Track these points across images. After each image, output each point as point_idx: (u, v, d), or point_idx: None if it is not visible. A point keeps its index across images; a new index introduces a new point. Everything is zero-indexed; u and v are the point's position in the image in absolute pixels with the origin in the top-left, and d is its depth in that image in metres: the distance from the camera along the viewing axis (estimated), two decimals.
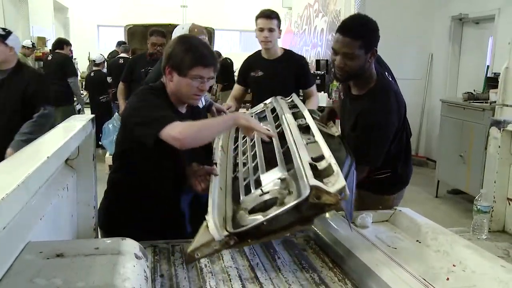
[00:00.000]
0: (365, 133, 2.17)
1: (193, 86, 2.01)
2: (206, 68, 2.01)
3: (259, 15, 3.48)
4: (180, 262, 1.66)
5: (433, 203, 5.74)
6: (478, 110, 5.23)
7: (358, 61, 2.10)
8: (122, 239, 1.11)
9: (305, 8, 11.49)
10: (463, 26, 7.02)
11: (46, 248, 1.00)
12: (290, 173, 1.64)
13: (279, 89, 3.21)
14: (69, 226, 1.46)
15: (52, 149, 1.08)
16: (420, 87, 7.64)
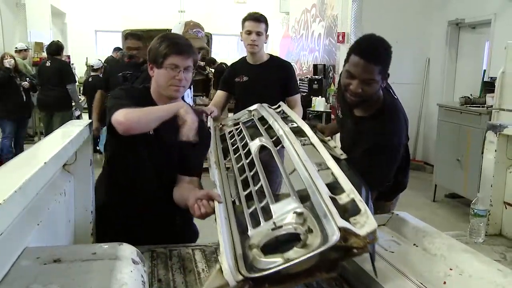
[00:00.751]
0: (376, 156, 2.10)
1: (169, 76, 1.97)
2: (180, 56, 1.96)
3: (247, 17, 3.36)
4: (177, 267, 1.65)
5: (431, 207, 5.74)
6: (475, 115, 5.23)
7: (375, 86, 2.03)
8: (120, 244, 1.11)
9: (303, 13, 11.54)
10: (460, 31, 7.05)
11: (43, 253, 1.00)
12: (306, 205, 1.50)
13: (264, 95, 3.13)
14: (66, 231, 1.45)
15: (50, 154, 1.07)
16: (418, 92, 7.66)
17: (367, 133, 2.13)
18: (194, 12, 14.13)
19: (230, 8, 15.03)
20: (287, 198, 1.60)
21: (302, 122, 2.24)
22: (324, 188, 1.50)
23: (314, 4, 10.63)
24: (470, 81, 6.68)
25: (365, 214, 1.36)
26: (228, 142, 2.39)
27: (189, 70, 2.01)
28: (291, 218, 1.46)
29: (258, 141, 2.16)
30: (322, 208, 1.38)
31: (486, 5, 6.21)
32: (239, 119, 2.72)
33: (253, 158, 2.02)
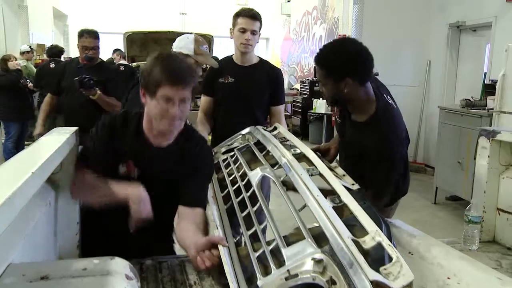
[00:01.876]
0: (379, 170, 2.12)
1: (161, 109, 1.69)
2: (174, 87, 1.67)
3: (242, 13, 3.01)
4: (168, 279, 1.58)
5: (431, 210, 5.70)
6: (475, 117, 5.20)
7: (329, 88, 2.10)
8: (111, 259, 1.04)
9: (304, 15, 11.52)
10: (461, 33, 7.01)
11: (29, 270, 0.94)
12: (325, 251, 1.31)
13: (250, 100, 3.07)
14: (51, 244, 1.37)
15: (37, 164, 1.01)
16: (418, 94, 7.64)
17: (366, 140, 2.11)
18: (196, 15, 14.14)
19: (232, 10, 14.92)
20: (300, 240, 1.40)
21: (306, 148, 2.04)
22: (344, 229, 1.34)
23: (315, 7, 10.61)
24: (471, 83, 6.64)
25: (398, 263, 1.19)
26: (224, 172, 2.17)
27: (186, 102, 1.74)
28: (308, 265, 1.29)
29: (259, 171, 1.94)
30: (345, 254, 1.22)
31: (487, 8, 6.17)
32: (233, 145, 2.50)
33: (254, 191, 1.82)
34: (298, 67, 12.11)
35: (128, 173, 1.81)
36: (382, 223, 1.55)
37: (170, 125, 1.74)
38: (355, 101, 2.13)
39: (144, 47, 9.19)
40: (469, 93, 6.18)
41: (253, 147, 2.27)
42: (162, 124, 1.74)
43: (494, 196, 2.17)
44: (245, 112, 3.05)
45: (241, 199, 1.83)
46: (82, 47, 4.05)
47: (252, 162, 2.11)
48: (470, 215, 2.02)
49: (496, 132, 2.13)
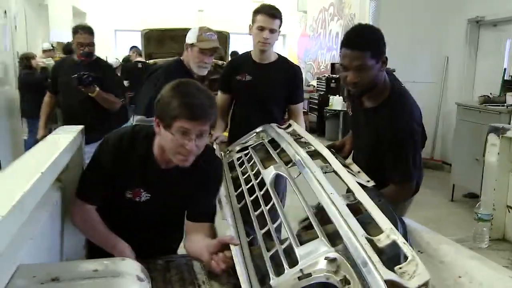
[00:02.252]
0: (394, 148, 2.08)
1: (177, 143, 1.60)
2: (192, 121, 1.57)
3: (260, 10, 2.92)
4: (176, 279, 1.57)
5: (448, 207, 5.65)
6: (494, 114, 5.13)
7: (371, 72, 2.00)
8: (122, 259, 1.04)
9: (320, 11, 11.45)
10: (480, 29, 6.90)
11: (40, 271, 0.93)
12: (339, 250, 1.28)
13: (268, 98, 3.04)
14: (58, 244, 1.37)
15: (45, 164, 1.00)
16: (436, 90, 7.56)
17: (381, 125, 2.10)
18: (213, 11, 14.15)
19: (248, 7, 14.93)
20: (314, 239, 1.38)
21: (320, 145, 2.04)
22: (358, 227, 1.32)
23: (332, 3, 10.54)
24: (490, 79, 6.52)
25: (413, 262, 1.16)
26: (238, 171, 2.17)
27: (203, 135, 1.65)
28: (321, 264, 1.26)
29: (273, 169, 1.92)
30: (359, 253, 1.19)
31: (508, 2, 6.04)
32: (247, 143, 2.48)
33: (268, 189, 1.80)
34: (314, 63, 12.05)
35: (134, 198, 1.77)
36: (397, 221, 1.52)
37: (184, 160, 1.66)
38: (378, 84, 2.09)
39: (161, 44, 9.24)
40: (488, 90, 6.08)
41: (267, 145, 2.25)
42: (176, 158, 1.66)
43: (504, 193, 2.14)
44: (261, 110, 3.00)
45: (255, 198, 1.81)
46: (77, 44, 3.95)
47: (266, 160, 2.09)
48: (480, 212, 1.99)
49: (506, 129, 2.10)
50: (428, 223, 4.49)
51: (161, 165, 1.77)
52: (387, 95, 2.12)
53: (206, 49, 2.80)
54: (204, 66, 2.86)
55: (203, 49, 2.79)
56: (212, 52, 2.85)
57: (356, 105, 2.27)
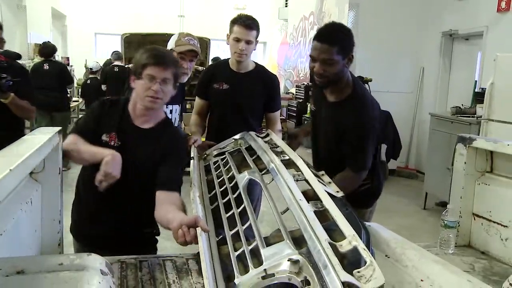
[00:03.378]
0: (356, 140, 2.24)
1: (145, 86, 1.97)
2: (157, 67, 1.96)
3: (237, 21, 2.92)
4: (147, 278, 1.60)
5: (421, 215, 5.75)
6: (465, 124, 5.28)
7: (336, 66, 2.16)
8: (88, 255, 1.05)
9: (301, 20, 11.55)
10: (454, 42, 7.08)
11: (6, 264, 0.96)
12: (302, 252, 1.33)
13: (245, 107, 3.03)
14: (32, 241, 1.39)
15: (16, 161, 1.04)
16: (412, 100, 7.70)
17: (342, 119, 2.25)
18: (194, 17, 14.18)
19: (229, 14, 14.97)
20: (279, 241, 1.43)
21: (295, 155, 2.12)
22: (322, 232, 1.37)
23: (312, 12, 10.65)
24: (463, 91, 6.70)
25: (370, 267, 1.21)
26: (213, 174, 2.23)
27: (167, 82, 2.00)
28: (285, 265, 1.31)
29: (246, 174, 2.00)
30: (321, 256, 1.24)
31: (479, 17, 6.24)
32: (224, 149, 2.58)
33: (240, 193, 1.87)
34: (294, 71, 12.15)
35: (109, 142, 2.04)
36: (362, 229, 1.57)
37: (152, 101, 1.99)
38: (342, 79, 2.25)
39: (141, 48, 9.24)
40: (460, 101, 6.25)
41: (244, 151, 2.31)
42: (145, 101, 2.00)
43: (470, 201, 2.22)
44: (238, 119, 3.02)
45: (227, 200, 1.87)
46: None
47: (241, 166, 2.15)
48: (446, 219, 2.06)
49: (472, 139, 2.18)
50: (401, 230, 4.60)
51: (134, 121, 2.09)
52: (350, 92, 2.28)
53: (183, 53, 2.76)
54: (184, 71, 2.80)
55: (180, 53, 2.75)
56: (191, 57, 2.80)
57: (319, 99, 2.42)
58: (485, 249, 2.11)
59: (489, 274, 1.85)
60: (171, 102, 2.86)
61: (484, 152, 2.20)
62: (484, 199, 2.16)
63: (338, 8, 8.12)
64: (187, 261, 1.73)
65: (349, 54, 2.19)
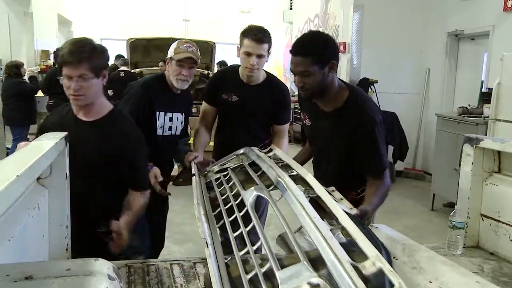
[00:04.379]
0: (368, 146, 2.17)
1: (65, 85, 1.95)
2: (70, 66, 1.91)
3: (247, 34, 2.75)
4: (155, 282, 1.61)
5: (428, 216, 5.72)
6: (472, 125, 5.25)
7: (314, 77, 2.10)
8: (95, 260, 1.05)
9: (306, 22, 11.55)
10: (459, 42, 7.05)
11: (14, 270, 0.96)
12: (322, 275, 1.24)
13: (253, 119, 2.95)
14: (40, 247, 1.39)
15: (22, 167, 1.04)
16: (418, 101, 7.67)
17: (348, 123, 2.18)
18: (198, 21, 14.23)
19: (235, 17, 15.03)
20: (295, 263, 1.31)
21: (303, 170, 1.98)
22: (342, 253, 1.27)
23: (317, 14, 10.65)
24: (470, 91, 6.67)
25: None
26: (217, 191, 2.10)
27: (83, 77, 1.94)
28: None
29: (254, 190, 1.86)
30: (344, 280, 1.16)
31: (484, 17, 6.21)
32: (226, 165, 2.46)
33: (248, 210, 1.74)
34: None
35: None
36: (381, 247, 1.52)
37: (74, 99, 1.99)
38: (331, 88, 2.18)
39: (147, 53, 9.26)
40: (467, 101, 6.22)
41: (247, 167, 2.21)
42: (71, 100, 2.02)
43: (478, 202, 2.20)
44: (246, 130, 2.95)
45: (234, 219, 1.75)
46: None
47: (246, 183, 2.04)
48: (454, 220, 2.05)
49: (479, 140, 2.16)
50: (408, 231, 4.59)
51: (78, 116, 2.11)
52: (348, 96, 2.21)
53: (182, 61, 2.73)
54: (183, 79, 2.79)
55: (179, 60, 2.73)
56: (190, 64, 2.76)
57: (313, 111, 2.35)
58: (494, 250, 2.10)
59: (498, 275, 1.84)
60: (171, 109, 2.86)
61: (492, 152, 2.19)
62: (492, 199, 2.14)
63: (342, 10, 8.10)
64: (194, 265, 1.74)
65: (329, 62, 2.11)
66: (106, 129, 2.07)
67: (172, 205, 3.24)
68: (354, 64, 7.55)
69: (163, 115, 2.84)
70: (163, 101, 2.84)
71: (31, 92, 6.95)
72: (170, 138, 2.90)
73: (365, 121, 2.16)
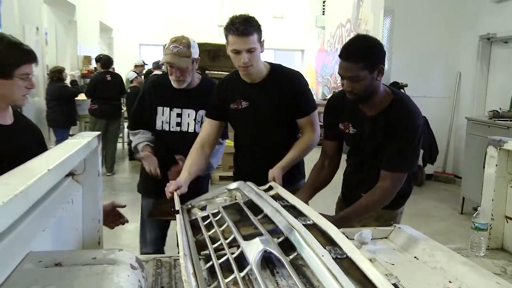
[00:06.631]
0: (404, 142, 2.14)
1: (22, 86, 1.82)
2: (31, 64, 1.84)
3: (230, 30, 2.29)
4: (180, 275, 1.60)
5: (457, 219, 5.62)
6: (502, 128, 5.14)
7: (364, 82, 2.05)
8: (119, 250, 1.12)
9: (338, 27, 11.51)
10: (492, 45, 6.90)
11: (46, 257, 1.02)
12: None
13: (269, 120, 2.49)
14: (73, 238, 1.46)
15: (54, 162, 1.10)
16: (448, 105, 7.56)
17: (390, 125, 2.14)
18: None
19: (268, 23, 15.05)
20: None
21: (320, 217, 1.54)
22: None
23: (348, 19, 10.60)
24: (501, 95, 6.53)
25: None
26: (205, 235, 1.63)
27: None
28: None
29: (259, 243, 1.39)
30: None
31: None
32: (216, 201, 2.09)
33: (253, 270, 1.31)
34: (331, 78, 12.09)
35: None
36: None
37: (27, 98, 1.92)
38: (378, 92, 2.15)
39: None
40: (499, 105, 6.10)
41: (244, 207, 1.81)
42: (22, 99, 1.89)
43: (502, 204, 2.15)
44: (266, 136, 2.53)
45: (232, 280, 1.31)
46: None
47: (242, 227, 1.64)
48: (477, 222, 2.02)
49: (503, 142, 2.12)
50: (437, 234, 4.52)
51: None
52: (391, 100, 2.17)
53: (168, 63, 2.66)
54: (175, 79, 2.70)
55: (166, 62, 2.67)
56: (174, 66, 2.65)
57: (357, 116, 2.27)
58: None
59: None
60: (179, 105, 2.78)
61: None
62: None
63: (373, 14, 8.05)
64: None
65: (378, 67, 2.06)
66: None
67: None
68: (385, 68, 7.44)
69: (168, 110, 2.79)
70: (167, 97, 2.79)
71: (72, 96, 7.18)
72: (178, 134, 2.80)
73: (406, 121, 2.13)
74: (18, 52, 1.80)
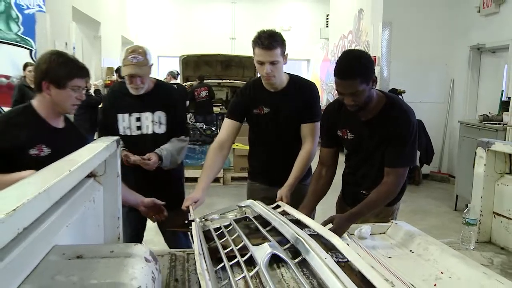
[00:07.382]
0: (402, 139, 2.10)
1: (72, 96, 2.00)
2: (83, 79, 2.04)
3: (257, 43, 2.37)
4: (193, 268, 1.62)
5: (451, 216, 5.59)
6: (492, 131, 5.12)
7: (363, 94, 2.02)
8: (135, 245, 1.14)
9: (340, 38, 11.49)
10: (481, 55, 6.89)
11: (69, 250, 1.05)
12: None
13: (288, 126, 2.55)
14: (95, 234, 1.50)
15: (76, 164, 1.13)
16: (443, 110, 7.54)
17: (387, 126, 2.11)
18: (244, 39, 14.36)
19: None
20: None
21: (325, 230, 1.58)
22: None
23: (350, 31, 10.57)
24: (491, 100, 6.52)
25: None
26: (218, 243, 1.63)
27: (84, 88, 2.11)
28: None
29: (268, 247, 1.43)
30: None
31: (504, 32, 6.06)
32: (227, 216, 2.08)
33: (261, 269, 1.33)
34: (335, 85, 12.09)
35: (38, 155, 1.95)
36: None
37: (76, 107, 2.09)
38: (373, 99, 2.11)
39: (197, 68, 9.44)
40: (488, 109, 6.09)
41: (253, 220, 1.84)
42: (71, 108, 2.05)
43: (490, 201, 2.15)
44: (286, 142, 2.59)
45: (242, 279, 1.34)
46: None
47: (252, 238, 1.62)
48: (467, 217, 2.01)
49: (491, 143, 2.12)
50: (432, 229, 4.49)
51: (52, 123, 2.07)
52: (384, 103, 2.15)
53: (129, 75, 2.63)
54: (134, 87, 2.68)
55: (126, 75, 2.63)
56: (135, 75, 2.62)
57: (357, 123, 2.23)
58: (505, 245, 2.05)
59: (506, 267, 1.80)
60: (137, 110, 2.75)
61: (503, 155, 2.14)
62: (504, 198, 2.10)
63: (373, 26, 8.04)
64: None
65: (372, 77, 2.03)
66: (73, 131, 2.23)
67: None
68: (384, 76, 7.48)
69: (128, 116, 2.75)
70: (126, 104, 2.74)
71: (96, 103, 7.24)
72: (140, 137, 2.75)
73: (401, 120, 2.10)
74: (73, 67, 2.00)
